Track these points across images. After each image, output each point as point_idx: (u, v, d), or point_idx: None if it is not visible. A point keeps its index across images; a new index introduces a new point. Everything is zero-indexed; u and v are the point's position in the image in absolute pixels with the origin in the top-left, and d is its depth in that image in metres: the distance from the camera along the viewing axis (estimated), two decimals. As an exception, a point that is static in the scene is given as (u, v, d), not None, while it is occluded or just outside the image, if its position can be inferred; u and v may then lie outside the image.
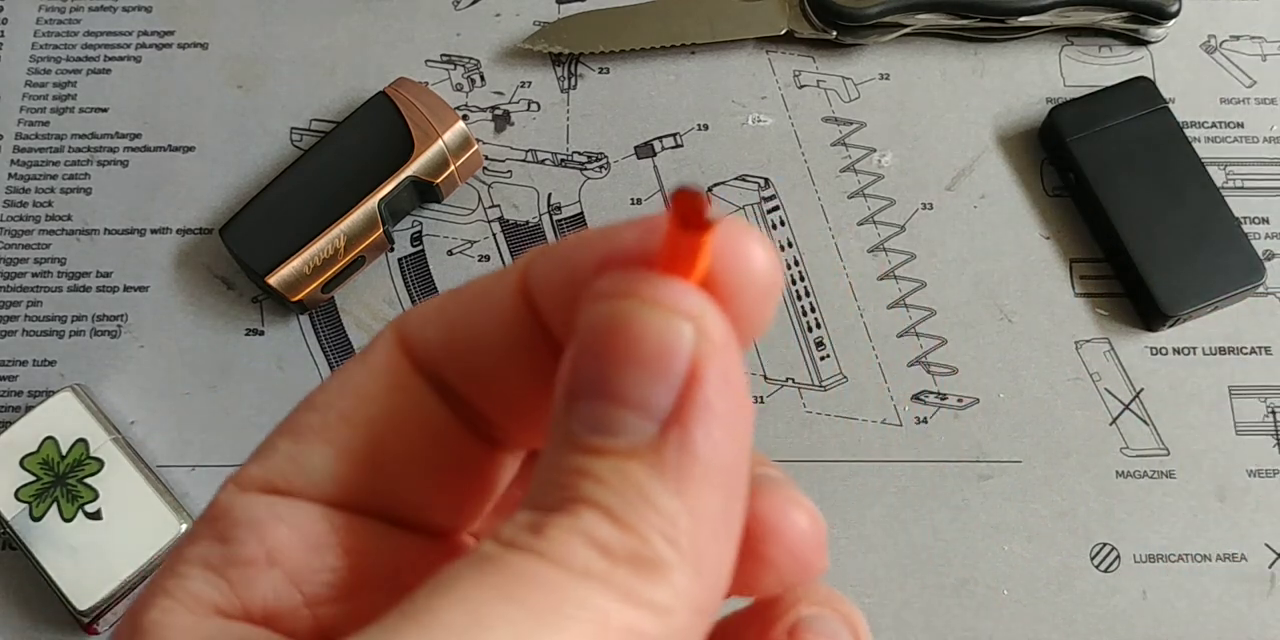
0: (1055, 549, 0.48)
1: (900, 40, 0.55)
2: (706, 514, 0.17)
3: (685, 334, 0.17)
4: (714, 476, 0.17)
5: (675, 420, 0.17)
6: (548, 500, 0.17)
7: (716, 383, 0.17)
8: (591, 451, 0.17)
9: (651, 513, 0.16)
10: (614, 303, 0.17)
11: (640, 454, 0.17)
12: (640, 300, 0.17)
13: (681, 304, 0.17)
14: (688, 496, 0.17)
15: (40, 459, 0.47)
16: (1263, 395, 0.51)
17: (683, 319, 0.17)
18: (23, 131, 0.54)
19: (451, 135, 0.51)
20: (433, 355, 0.20)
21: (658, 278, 0.17)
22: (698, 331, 0.17)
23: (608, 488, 0.16)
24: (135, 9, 0.57)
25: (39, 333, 0.51)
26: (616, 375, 0.17)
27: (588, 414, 0.17)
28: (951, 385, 0.51)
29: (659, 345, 0.17)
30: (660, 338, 0.17)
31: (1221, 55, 0.56)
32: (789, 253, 0.53)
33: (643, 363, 0.17)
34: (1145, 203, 0.51)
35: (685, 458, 0.17)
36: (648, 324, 0.17)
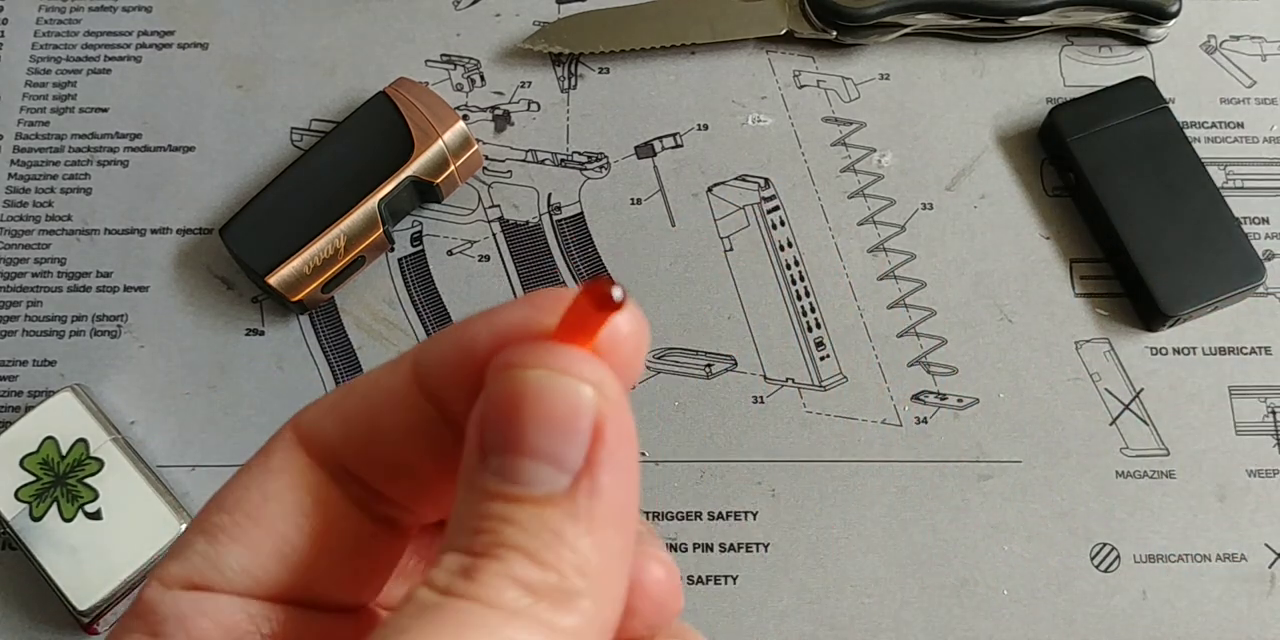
0: (1055, 549, 0.48)
1: (900, 40, 0.55)
2: (612, 551, 0.20)
3: (590, 398, 0.20)
4: (616, 518, 0.20)
5: (586, 471, 0.20)
6: (474, 545, 0.19)
7: (616, 437, 0.20)
8: (511, 500, 0.19)
9: (567, 551, 0.19)
10: (524, 372, 0.19)
11: (556, 501, 0.19)
12: (549, 369, 0.19)
13: (584, 371, 0.20)
14: (596, 535, 0.19)
15: (40, 459, 0.47)
16: (1263, 395, 0.51)
17: (586, 384, 0.20)
18: (23, 131, 0.54)
19: (451, 135, 0.51)
20: (331, 448, 0.22)
21: (561, 348, 0.20)
22: (599, 394, 0.20)
23: (528, 532, 0.19)
24: (135, 9, 0.57)
25: (39, 333, 0.51)
26: (531, 434, 0.19)
27: (505, 468, 0.19)
28: (951, 385, 0.51)
29: (569, 408, 0.19)
30: (570, 401, 0.19)
31: (1221, 55, 0.56)
32: (789, 253, 0.53)
33: (555, 423, 0.19)
34: (1145, 203, 0.51)
35: (595, 503, 0.20)
36: (556, 390, 0.19)
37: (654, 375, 0.51)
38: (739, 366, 0.51)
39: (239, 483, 0.22)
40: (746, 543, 0.49)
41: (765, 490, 0.49)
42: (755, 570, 0.48)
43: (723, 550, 0.48)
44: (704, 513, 0.49)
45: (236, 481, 0.22)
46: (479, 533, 0.19)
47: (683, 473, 0.49)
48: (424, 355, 0.21)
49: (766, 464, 0.49)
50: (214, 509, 0.22)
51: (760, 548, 0.48)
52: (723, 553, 0.48)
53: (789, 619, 0.47)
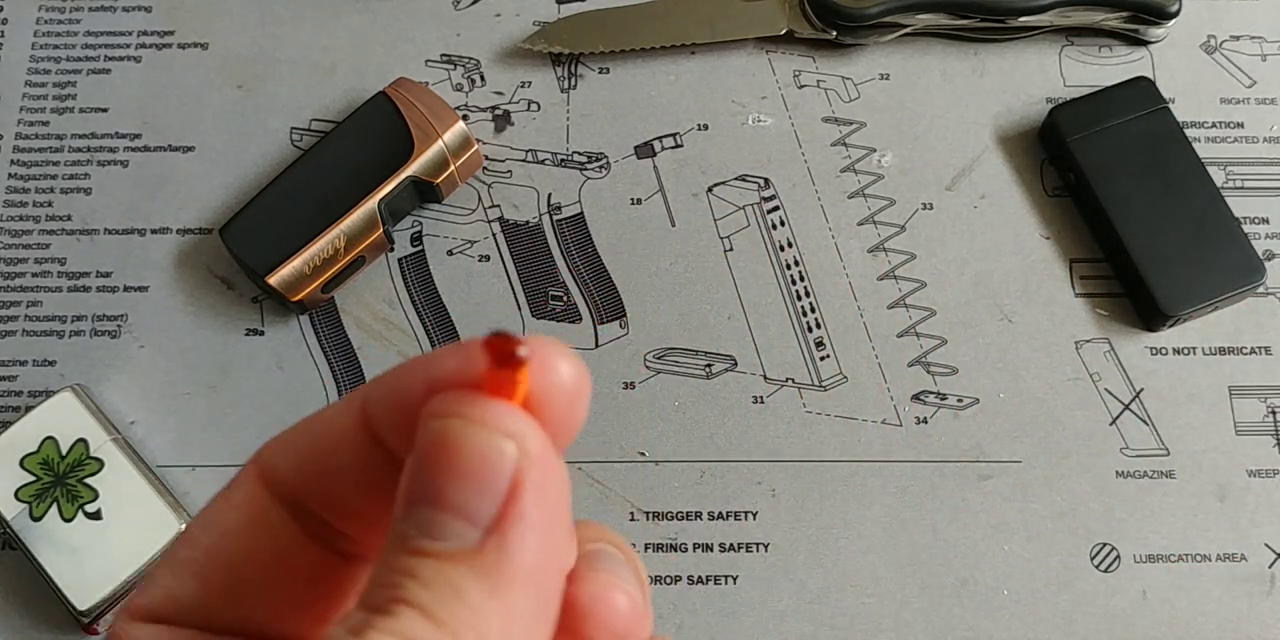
0: (1055, 549, 0.48)
1: (900, 40, 0.55)
2: (519, 613, 0.19)
3: (508, 451, 0.19)
4: (527, 579, 0.19)
5: (495, 528, 0.19)
6: (375, 600, 0.18)
7: (534, 494, 0.19)
8: (418, 553, 0.19)
9: (466, 612, 0.18)
10: (444, 422, 0.19)
11: (461, 558, 0.18)
12: (467, 420, 0.19)
13: (504, 424, 0.19)
14: (502, 598, 0.18)
15: (40, 459, 0.47)
16: (1263, 395, 0.51)
17: (505, 437, 0.19)
18: (23, 131, 0.54)
19: (451, 135, 0.51)
20: (288, 484, 0.22)
21: (483, 400, 0.19)
22: (519, 448, 0.19)
23: (427, 588, 0.18)
24: (135, 9, 0.57)
25: (39, 333, 0.51)
26: (446, 485, 0.19)
27: (419, 519, 0.19)
28: (951, 385, 0.51)
29: (484, 460, 0.19)
30: (485, 454, 0.19)
31: (1221, 55, 0.56)
32: (789, 253, 0.53)
33: (468, 475, 0.19)
34: (1145, 203, 0.51)
35: (502, 562, 0.18)
36: (473, 441, 0.19)
37: (654, 375, 0.51)
38: (739, 366, 0.51)
39: (204, 518, 0.22)
40: (746, 543, 0.49)
41: (765, 490, 0.49)
42: (755, 570, 0.48)
43: (723, 550, 0.48)
44: (704, 513, 0.49)
45: (203, 516, 0.22)
46: (382, 586, 0.18)
47: (683, 473, 0.49)
48: (370, 395, 0.21)
49: (766, 464, 0.49)
50: (183, 543, 0.22)
51: (760, 548, 0.48)
52: (723, 553, 0.48)
53: (789, 619, 0.47)
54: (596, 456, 0.49)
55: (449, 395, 0.19)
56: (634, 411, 0.50)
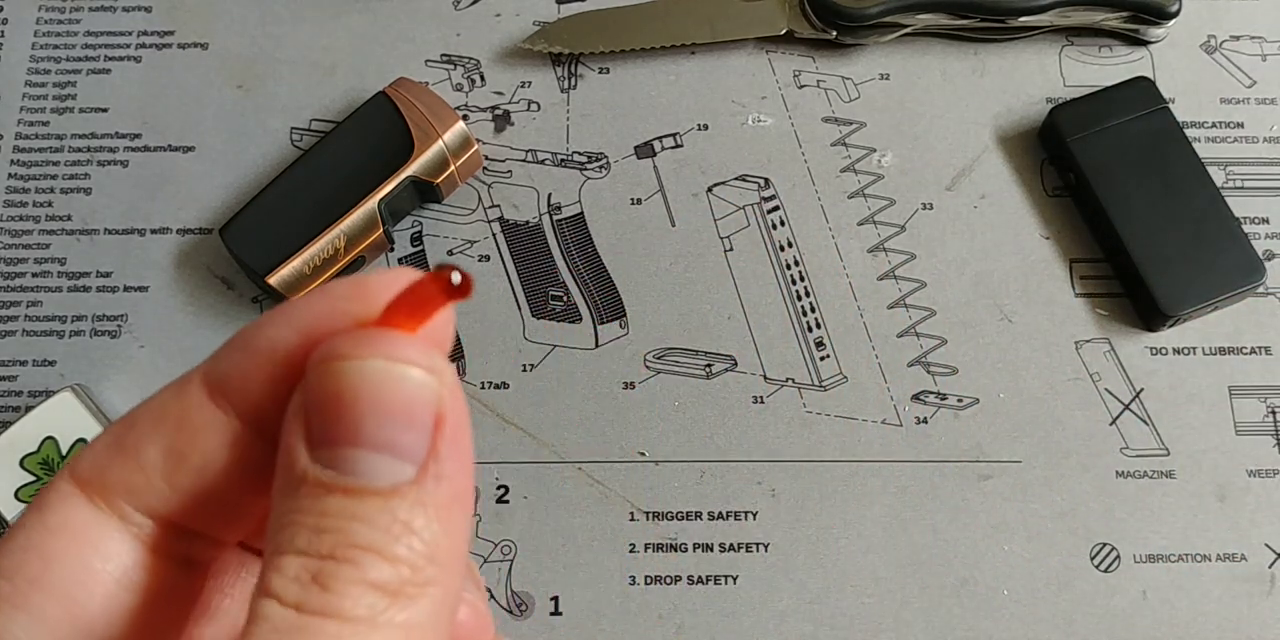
0: (1055, 549, 0.48)
1: (900, 40, 0.55)
2: (456, 529, 0.19)
3: (434, 385, 0.19)
4: (460, 498, 0.20)
5: (431, 458, 0.19)
6: (319, 547, 0.18)
7: (454, 423, 0.19)
8: (352, 493, 0.18)
9: (417, 542, 0.19)
10: (360, 362, 0.19)
11: (403, 492, 0.19)
12: (388, 358, 0.19)
13: (423, 359, 0.19)
14: (444, 520, 0.19)
15: (40, 459, 0.47)
16: (1263, 395, 0.51)
17: (428, 373, 0.19)
18: (23, 131, 0.54)
19: (451, 135, 0.51)
20: (120, 490, 0.20)
21: (398, 336, 0.19)
22: (439, 381, 0.19)
23: (377, 528, 0.18)
24: (135, 9, 0.57)
25: (39, 333, 0.51)
26: (372, 425, 0.19)
27: (341, 460, 0.19)
28: (951, 385, 0.51)
29: (412, 398, 0.19)
30: (411, 392, 0.19)
31: (1221, 55, 0.56)
32: (789, 253, 0.53)
33: (398, 414, 0.19)
34: (1145, 203, 0.51)
35: (442, 489, 0.19)
36: (399, 379, 0.19)
37: (654, 375, 0.51)
38: (739, 366, 0.51)
39: (15, 545, 0.20)
40: (746, 543, 0.49)
41: (765, 490, 0.49)
42: (755, 570, 0.48)
43: (723, 550, 0.48)
44: (704, 513, 0.49)
45: (12, 543, 0.20)
46: (322, 532, 0.18)
47: (683, 473, 0.49)
48: (217, 368, 0.21)
49: (766, 464, 0.49)
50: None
51: (760, 548, 0.48)
52: (723, 553, 0.48)
53: (789, 619, 0.47)
54: (596, 456, 0.49)
55: (350, 337, 0.19)
56: (634, 411, 0.50)
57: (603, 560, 0.48)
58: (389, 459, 0.19)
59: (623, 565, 0.48)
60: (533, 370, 0.51)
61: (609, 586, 0.48)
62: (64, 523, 0.20)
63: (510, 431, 0.50)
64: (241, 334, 0.21)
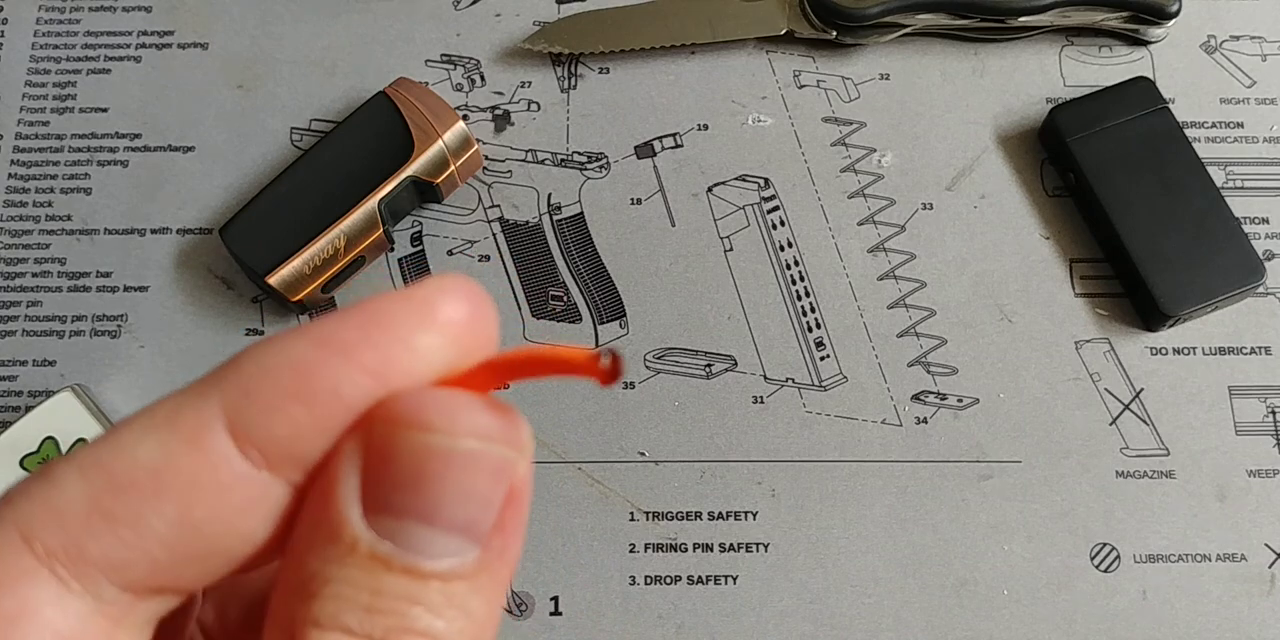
0: (1055, 549, 0.48)
1: (900, 40, 0.55)
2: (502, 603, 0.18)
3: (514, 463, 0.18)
4: (512, 572, 0.18)
5: (497, 537, 0.18)
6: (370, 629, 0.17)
7: (525, 495, 0.18)
8: (414, 574, 0.17)
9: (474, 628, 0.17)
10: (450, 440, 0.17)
11: (464, 575, 0.17)
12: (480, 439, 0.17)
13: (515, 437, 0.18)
14: (495, 600, 0.18)
15: (40, 459, 0.47)
16: (1263, 395, 0.51)
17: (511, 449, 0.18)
18: (23, 131, 0.54)
19: (451, 135, 0.51)
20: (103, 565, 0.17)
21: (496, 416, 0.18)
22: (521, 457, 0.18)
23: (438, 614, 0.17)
24: (135, 9, 0.57)
25: (39, 333, 0.51)
26: (450, 504, 0.17)
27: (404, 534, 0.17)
28: (951, 385, 0.51)
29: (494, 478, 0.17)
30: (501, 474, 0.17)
31: (1221, 55, 0.56)
32: (789, 253, 0.53)
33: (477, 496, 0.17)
34: (1145, 203, 0.51)
35: (501, 568, 0.18)
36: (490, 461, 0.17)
37: (654, 375, 0.51)
38: (739, 366, 0.51)
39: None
40: (746, 543, 0.49)
41: (765, 490, 0.49)
42: (755, 570, 0.48)
43: (723, 550, 0.48)
44: (704, 513, 0.49)
45: None
46: (375, 612, 0.17)
47: (683, 473, 0.49)
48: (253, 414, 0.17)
49: (766, 464, 0.49)
50: None
51: (760, 548, 0.48)
52: (723, 553, 0.48)
53: (789, 619, 0.47)
54: (596, 456, 0.49)
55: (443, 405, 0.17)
56: (634, 411, 0.50)
57: (603, 560, 0.48)
58: (456, 539, 0.17)
59: (623, 565, 0.48)
60: (533, 370, 0.51)
61: (609, 586, 0.48)
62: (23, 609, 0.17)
63: (510, 431, 0.50)
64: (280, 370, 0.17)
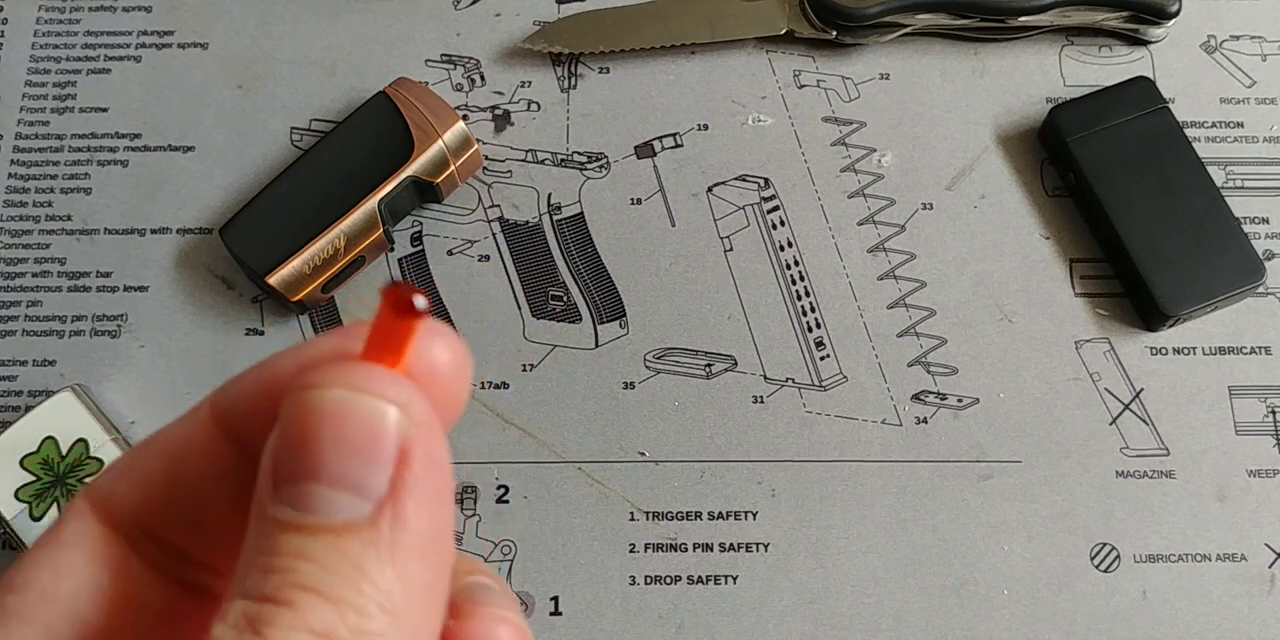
0: (1055, 549, 0.48)
1: (900, 40, 0.55)
2: (418, 582, 0.18)
3: (395, 418, 0.18)
4: (424, 547, 0.18)
5: (390, 497, 0.18)
6: (264, 588, 0.17)
7: (424, 462, 0.18)
8: (305, 531, 0.17)
9: (369, 586, 0.17)
10: (320, 391, 0.18)
11: (356, 530, 0.17)
12: (349, 388, 0.18)
13: (390, 390, 0.18)
14: (400, 567, 0.18)
15: (40, 459, 0.47)
16: (1263, 395, 0.51)
17: (391, 404, 0.18)
18: (23, 131, 0.54)
19: (451, 135, 0.51)
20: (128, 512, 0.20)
21: (364, 366, 0.18)
22: (405, 414, 0.18)
23: (324, 568, 0.17)
24: (135, 9, 0.57)
25: (39, 333, 0.51)
26: (329, 458, 0.18)
27: (299, 496, 0.18)
28: (951, 385, 0.51)
29: (372, 429, 0.18)
30: (372, 422, 0.18)
31: (1221, 55, 0.56)
32: (789, 253, 0.53)
33: (356, 446, 0.18)
34: (1145, 203, 0.51)
35: (398, 532, 0.18)
36: (359, 410, 0.18)
37: (654, 375, 0.51)
38: (739, 366, 0.51)
39: (29, 560, 0.20)
40: (746, 543, 0.49)
41: (765, 490, 0.49)
42: (755, 570, 0.48)
43: (723, 550, 0.48)
44: (704, 513, 0.49)
45: (26, 559, 0.20)
46: (269, 572, 0.17)
47: (683, 473, 0.49)
48: (223, 396, 0.20)
49: (766, 464, 0.49)
50: (3, 590, 0.20)
51: (760, 548, 0.48)
52: (723, 553, 0.48)
53: (789, 619, 0.47)
54: (596, 456, 0.49)
55: (320, 368, 0.18)
56: (634, 411, 0.50)
57: (603, 560, 0.48)
58: (344, 495, 0.18)
59: (623, 565, 0.48)
60: (533, 370, 0.51)
61: (609, 586, 0.48)
62: (76, 538, 0.20)
63: (510, 431, 0.50)
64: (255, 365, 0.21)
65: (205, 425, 0.20)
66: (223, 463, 0.20)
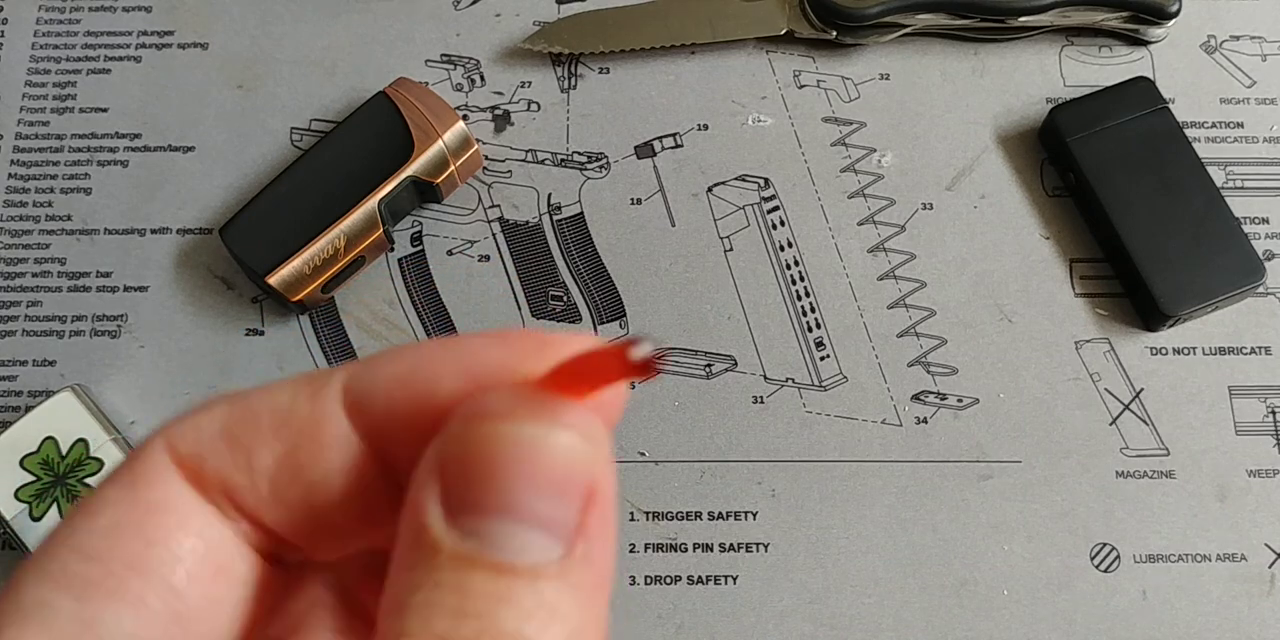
0: (1055, 549, 0.48)
1: (900, 40, 0.55)
2: (602, 617, 0.18)
3: (589, 454, 0.18)
4: (606, 583, 0.18)
5: (580, 537, 0.17)
6: (462, 632, 0.16)
7: (607, 497, 0.18)
8: (502, 572, 0.17)
9: (560, 630, 0.17)
10: (512, 426, 0.17)
11: (551, 574, 0.17)
12: (545, 423, 0.17)
13: (585, 428, 0.18)
14: (592, 608, 0.17)
15: (40, 459, 0.47)
16: (1263, 395, 0.51)
17: (588, 442, 0.18)
18: (23, 131, 0.54)
19: (451, 135, 0.51)
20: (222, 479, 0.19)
21: (556, 400, 0.18)
22: (596, 451, 0.18)
23: (525, 614, 0.17)
24: (135, 9, 0.57)
25: (39, 333, 0.51)
26: (523, 495, 0.17)
27: (485, 532, 0.17)
28: (951, 385, 0.51)
29: (567, 466, 0.17)
30: (568, 459, 0.17)
31: (1221, 55, 0.56)
32: (789, 253, 0.53)
33: (552, 484, 0.17)
34: (1145, 203, 0.51)
35: (589, 571, 0.17)
36: (556, 446, 0.17)
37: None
38: (739, 366, 0.51)
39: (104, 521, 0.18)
40: (746, 543, 0.49)
41: (765, 490, 0.49)
42: (755, 570, 0.48)
43: (723, 550, 0.48)
44: (704, 513, 0.49)
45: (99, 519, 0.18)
46: (464, 615, 0.16)
47: (683, 473, 0.49)
48: (365, 385, 0.19)
49: (766, 464, 0.49)
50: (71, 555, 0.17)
51: (760, 548, 0.48)
52: (723, 553, 0.48)
53: (789, 619, 0.47)
54: (596, 456, 0.49)
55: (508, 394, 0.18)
56: (634, 411, 0.50)
57: (603, 560, 0.48)
58: (538, 534, 0.17)
59: (623, 565, 0.48)
60: (533, 370, 0.51)
61: (609, 586, 0.48)
62: (164, 502, 0.18)
63: (510, 431, 0.50)
64: (403, 358, 0.19)
65: (336, 411, 0.18)
66: (351, 457, 0.19)
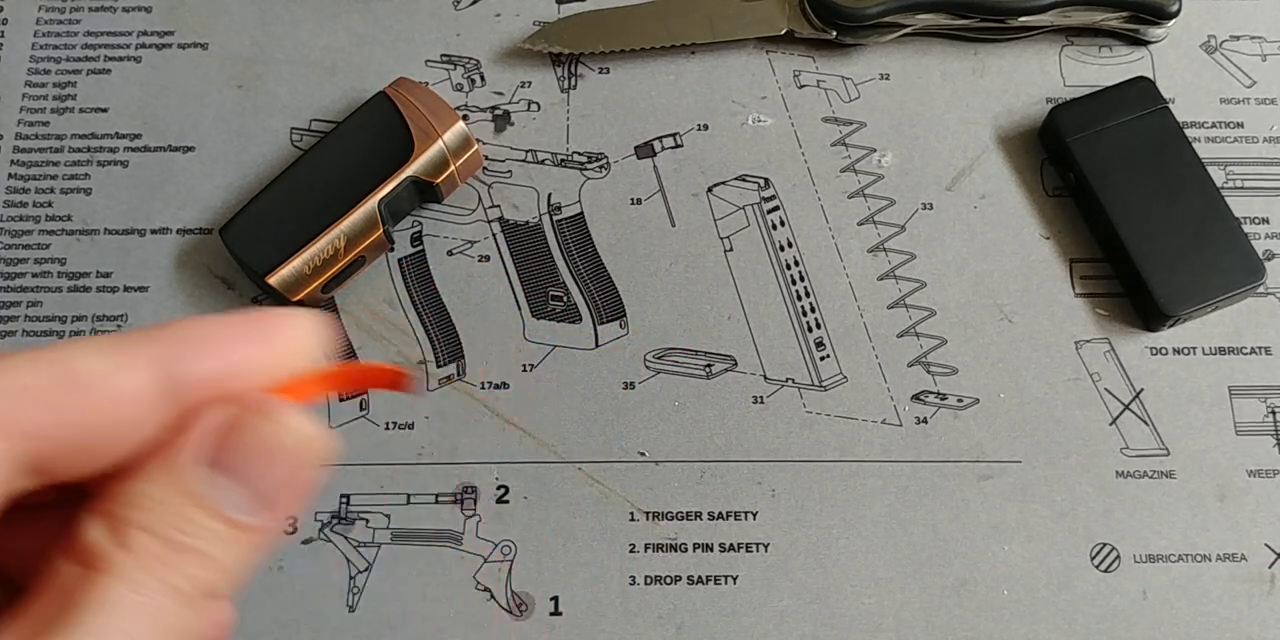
0: (1055, 549, 0.48)
1: (900, 40, 0.55)
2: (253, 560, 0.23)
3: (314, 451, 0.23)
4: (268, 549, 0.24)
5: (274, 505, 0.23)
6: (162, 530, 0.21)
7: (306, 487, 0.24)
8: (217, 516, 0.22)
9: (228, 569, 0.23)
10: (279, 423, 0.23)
11: (246, 529, 0.22)
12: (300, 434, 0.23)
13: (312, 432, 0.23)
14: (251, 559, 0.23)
15: (40, 459, 0.47)
16: (1263, 395, 0.51)
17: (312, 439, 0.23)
18: (23, 131, 0.54)
19: (451, 135, 0.51)
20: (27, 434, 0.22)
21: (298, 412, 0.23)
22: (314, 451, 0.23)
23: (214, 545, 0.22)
24: (135, 9, 0.57)
25: (39, 333, 0.51)
26: (263, 473, 0.23)
27: (223, 488, 0.22)
28: (951, 385, 0.51)
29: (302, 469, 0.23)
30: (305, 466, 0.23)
31: (1221, 55, 0.56)
32: (789, 253, 0.53)
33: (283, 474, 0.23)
34: (1145, 203, 0.51)
35: (266, 539, 0.23)
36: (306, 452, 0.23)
37: (654, 375, 0.51)
38: (739, 366, 0.51)
39: None
40: (746, 543, 0.49)
41: (765, 490, 0.49)
42: (755, 570, 0.48)
43: (723, 550, 0.48)
44: (704, 513, 0.49)
45: None
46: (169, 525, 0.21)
47: (683, 473, 0.49)
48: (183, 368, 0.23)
49: (766, 464, 0.49)
50: None
51: (760, 548, 0.48)
52: (723, 553, 0.48)
53: (789, 619, 0.47)
54: (596, 456, 0.49)
55: (274, 400, 0.23)
56: (634, 411, 0.50)
57: (603, 560, 0.48)
58: (254, 505, 0.22)
59: (623, 565, 0.48)
60: (533, 370, 0.51)
61: (609, 586, 0.48)
62: None
63: (510, 431, 0.50)
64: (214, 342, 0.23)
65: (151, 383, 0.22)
66: (152, 418, 0.22)
